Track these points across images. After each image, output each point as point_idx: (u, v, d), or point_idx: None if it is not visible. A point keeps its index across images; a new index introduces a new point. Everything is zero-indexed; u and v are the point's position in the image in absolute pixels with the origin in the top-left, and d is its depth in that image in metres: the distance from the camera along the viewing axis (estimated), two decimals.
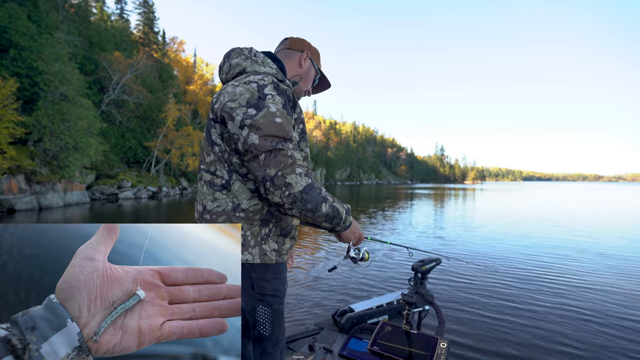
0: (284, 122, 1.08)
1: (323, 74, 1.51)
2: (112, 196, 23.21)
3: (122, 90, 28.56)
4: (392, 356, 1.40)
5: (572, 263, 6.18)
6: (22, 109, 17.49)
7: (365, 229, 10.02)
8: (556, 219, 13.38)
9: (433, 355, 1.36)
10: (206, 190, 1.19)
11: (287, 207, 1.05)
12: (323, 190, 1.12)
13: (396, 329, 1.52)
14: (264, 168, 1.03)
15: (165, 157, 30.44)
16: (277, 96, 1.11)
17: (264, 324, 1.18)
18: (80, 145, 18.74)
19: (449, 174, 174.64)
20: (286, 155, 1.04)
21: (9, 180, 15.04)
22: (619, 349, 3.06)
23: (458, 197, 30.29)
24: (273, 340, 1.20)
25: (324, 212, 1.10)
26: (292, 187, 1.02)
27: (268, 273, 1.18)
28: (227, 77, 1.28)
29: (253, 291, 1.16)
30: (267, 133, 1.04)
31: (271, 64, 1.27)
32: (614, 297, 4.37)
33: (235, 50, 1.31)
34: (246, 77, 1.16)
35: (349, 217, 1.22)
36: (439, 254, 2.56)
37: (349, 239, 1.28)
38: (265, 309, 1.18)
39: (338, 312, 2.55)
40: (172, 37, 46.87)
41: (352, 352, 1.90)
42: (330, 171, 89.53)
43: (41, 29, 20.07)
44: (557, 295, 4.41)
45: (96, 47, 29.30)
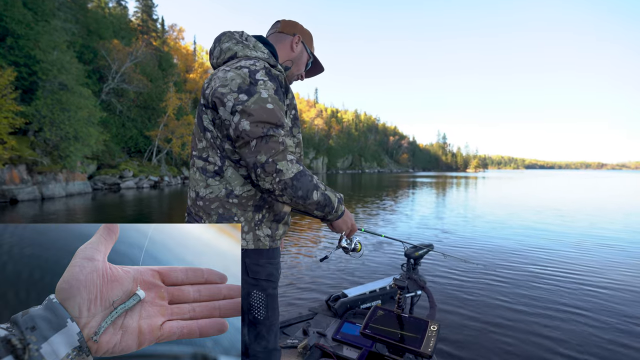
0: (276, 108, 1.06)
1: (316, 57, 1.47)
2: (114, 186, 23.28)
3: (121, 79, 28.37)
4: (384, 339, 1.42)
5: (575, 256, 6.20)
6: (21, 98, 17.42)
7: (361, 220, 10.03)
8: (560, 209, 13.37)
9: (424, 337, 1.38)
10: (199, 176, 1.19)
11: (278, 193, 1.04)
12: (315, 177, 1.12)
13: (388, 312, 1.54)
14: (255, 154, 1.02)
15: (166, 146, 30.40)
16: (269, 82, 1.09)
17: (258, 308, 1.19)
18: (80, 134, 18.72)
19: (451, 162, 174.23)
20: (277, 141, 1.03)
21: (10, 170, 15.07)
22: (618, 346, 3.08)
23: (460, 186, 30.28)
24: (267, 324, 1.22)
25: (315, 200, 1.10)
26: (283, 174, 1.01)
27: (262, 258, 1.19)
28: (217, 61, 1.26)
29: (247, 276, 1.17)
30: (258, 119, 1.03)
31: (263, 49, 1.25)
32: (618, 294, 4.38)
33: (226, 34, 1.28)
34: (237, 62, 1.14)
35: (341, 207, 1.22)
36: (436, 249, 2.58)
37: (341, 229, 1.28)
38: (260, 293, 1.19)
39: (332, 298, 2.57)
40: (171, 25, 46.29)
41: (345, 336, 1.93)
42: (332, 160, 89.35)
43: (37, 16, 19.78)
44: (552, 286, 4.45)
45: (94, 35, 28.98)
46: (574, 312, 3.61)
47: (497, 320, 3.39)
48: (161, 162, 30.41)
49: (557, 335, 3.12)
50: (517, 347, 2.91)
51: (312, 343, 1.95)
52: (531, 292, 4.15)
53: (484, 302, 3.83)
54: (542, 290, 4.21)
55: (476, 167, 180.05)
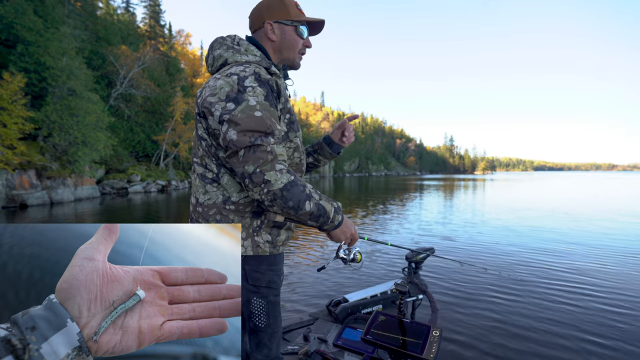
0: (265, 116, 1.03)
1: (305, 20, 1.28)
2: (122, 190, 23.49)
3: (129, 84, 28.69)
4: (385, 345, 1.40)
5: (583, 262, 6.10)
6: (31, 104, 17.69)
7: (365, 224, 9.98)
8: (572, 213, 13.20)
9: (426, 343, 1.35)
10: (198, 182, 1.20)
11: (267, 204, 1.02)
12: (308, 187, 1.08)
13: (389, 318, 1.52)
14: (242, 164, 1.01)
15: (173, 150, 30.64)
16: (259, 87, 1.07)
17: (259, 316, 1.18)
18: (88, 139, 18.93)
19: (458, 165, 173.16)
20: (265, 151, 1.01)
21: (20, 175, 15.28)
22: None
23: (468, 189, 30.06)
24: (269, 332, 1.20)
25: (307, 210, 1.06)
26: (271, 185, 0.98)
27: (262, 265, 1.18)
28: (212, 69, 1.25)
29: (247, 283, 1.16)
30: (245, 128, 1.00)
31: (255, 51, 1.22)
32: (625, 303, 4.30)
33: (218, 40, 1.26)
34: (228, 69, 1.12)
35: (338, 216, 1.17)
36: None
37: (339, 239, 1.23)
38: (260, 300, 1.18)
39: (332, 303, 2.56)
40: (178, 30, 46.81)
41: (346, 342, 1.91)
42: (339, 163, 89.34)
43: (47, 23, 20.11)
44: (558, 291, 4.38)
45: (103, 42, 29.40)
46: (578, 318, 3.54)
47: (499, 326, 3.33)
48: (168, 166, 30.63)
49: (562, 341, 3.06)
50: (520, 353, 2.86)
51: (313, 349, 1.93)
52: (534, 297, 4.08)
53: (486, 307, 3.76)
54: (548, 295, 4.13)
55: (484, 169, 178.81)
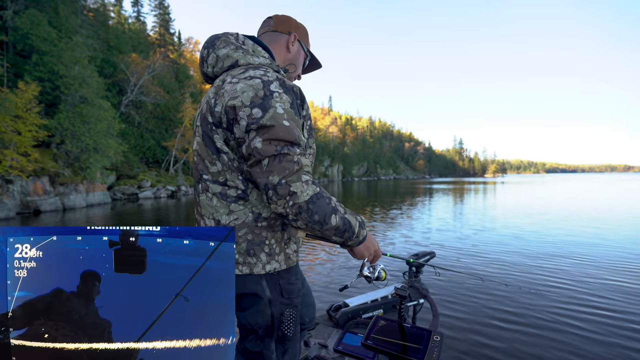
0: (292, 125, 0.96)
1: (312, 54, 1.36)
2: (132, 196, 23.82)
3: (139, 91, 29.17)
4: (386, 350, 1.38)
5: (594, 271, 5.96)
6: (45, 112, 18.10)
7: (374, 228, 9.92)
8: (587, 218, 12.94)
9: (427, 349, 1.33)
10: (217, 202, 1.07)
11: (292, 218, 0.95)
12: (333, 200, 1.01)
13: (390, 322, 1.49)
14: (266, 175, 0.93)
15: (183, 156, 31.01)
16: (285, 94, 0.99)
17: (288, 325, 1.13)
18: (100, 146, 19.30)
19: (468, 168, 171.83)
20: (292, 161, 0.93)
21: (34, 182, 15.60)
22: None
23: (478, 192, 29.70)
24: (295, 340, 1.17)
25: (333, 225, 0.99)
26: (297, 197, 0.91)
27: (292, 275, 1.14)
28: (214, 70, 1.14)
29: (282, 297, 1.10)
30: (272, 137, 0.93)
31: (263, 53, 1.15)
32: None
33: (221, 38, 1.15)
34: (244, 72, 1.03)
35: (363, 231, 1.10)
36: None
37: (363, 255, 1.16)
38: (291, 310, 1.14)
39: (333, 307, 2.53)
40: (187, 38, 47.77)
41: (346, 347, 1.89)
42: (348, 167, 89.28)
43: (61, 33, 20.60)
44: (562, 297, 4.27)
45: (114, 50, 30.01)
46: (583, 326, 3.43)
47: (501, 331, 3.26)
48: (178, 172, 30.99)
49: (566, 347, 2.98)
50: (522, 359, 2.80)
51: (313, 354, 1.92)
52: (538, 302, 3.98)
53: (487, 312, 3.68)
54: (553, 303, 4.02)
55: (494, 172, 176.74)
